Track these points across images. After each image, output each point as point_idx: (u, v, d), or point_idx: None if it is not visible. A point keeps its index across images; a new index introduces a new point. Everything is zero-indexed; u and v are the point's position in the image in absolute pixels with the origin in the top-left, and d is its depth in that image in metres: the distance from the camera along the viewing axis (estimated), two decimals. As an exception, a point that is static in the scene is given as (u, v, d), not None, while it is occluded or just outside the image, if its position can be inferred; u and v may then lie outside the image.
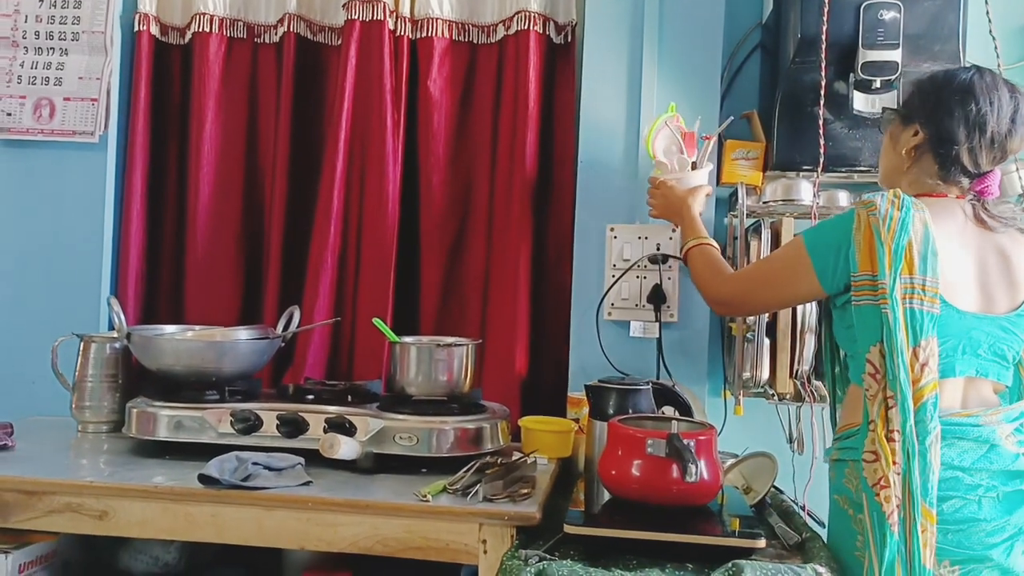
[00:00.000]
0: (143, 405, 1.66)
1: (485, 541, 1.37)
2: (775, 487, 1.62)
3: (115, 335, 1.86)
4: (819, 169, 1.77)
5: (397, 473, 1.55)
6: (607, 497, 1.42)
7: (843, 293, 1.40)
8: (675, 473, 1.28)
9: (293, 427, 1.61)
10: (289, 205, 2.13)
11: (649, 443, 1.30)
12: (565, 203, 2.05)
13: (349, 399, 1.72)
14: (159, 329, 1.87)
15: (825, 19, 1.76)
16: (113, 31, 2.12)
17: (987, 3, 1.86)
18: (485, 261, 2.09)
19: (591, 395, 1.62)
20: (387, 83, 2.07)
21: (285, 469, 1.50)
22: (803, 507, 1.86)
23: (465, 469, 1.49)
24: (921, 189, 1.43)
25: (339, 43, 2.13)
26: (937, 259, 1.31)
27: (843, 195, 1.85)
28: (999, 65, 1.85)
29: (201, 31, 2.15)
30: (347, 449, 1.53)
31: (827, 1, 1.76)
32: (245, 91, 2.19)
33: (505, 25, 2.09)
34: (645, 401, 1.57)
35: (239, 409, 1.63)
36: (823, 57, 1.76)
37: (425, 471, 1.56)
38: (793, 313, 1.80)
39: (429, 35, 2.09)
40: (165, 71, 2.21)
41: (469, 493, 1.42)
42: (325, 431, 1.57)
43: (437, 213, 2.10)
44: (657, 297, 1.89)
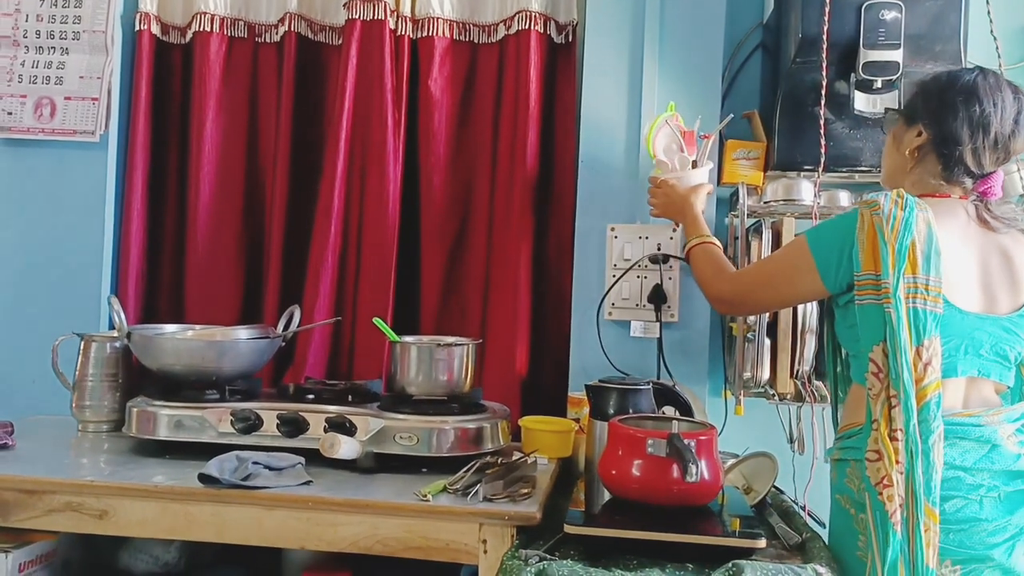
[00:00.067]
0: (143, 404, 1.66)
1: (485, 541, 1.36)
2: (775, 487, 1.62)
3: (115, 334, 1.86)
4: (820, 169, 1.77)
5: (397, 473, 1.55)
6: (607, 497, 1.41)
7: (846, 292, 1.39)
8: (675, 473, 1.28)
9: (293, 427, 1.60)
10: (290, 204, 2.13)
11: (649, 443, 1.30)
12: (566, 203, 2.04)
13: (349, 399, 1.72)
14: (159, 328, 1.87)
15: (826, 19, 1.76)
16: (114, 30, 2.12)
17: (988, 3, 1.87)
18: (486, 261, 2.09)
19: (591, 395, 1.61)
20: (388, 82, 2.07)
21: (285, 469, 1.50)
22: (803, 507, 1.86)
23: (465, 469, 1.48)
24: (924, 189, 1.43)
25: (340, 42, 2.13)
26: (940, 259, 1.31)
27: (844, 195, 1.85)
28: (1000, 65, 1.85)
29: (202, 30, 2.15)
30: (347, 449, 1.53)
31: (828, 1, 1.76)
32: (246, 91, 2.19)
33: (506, 25, 2.08)
34: (645, 401, 1.57)
35: (239, 408, 1.62)
36: (824, 57, 1.76)
37: (425, 471, 1.56)
38: (794, 313, 1.80)
39: (430, 34, 2.09)
40: (166, 70, 2.21)
41: (469, 493, 1.42)
42: (325, 431, 1.57)
43: (438, 213, 2.10)
44: (658, 297, 1.89)
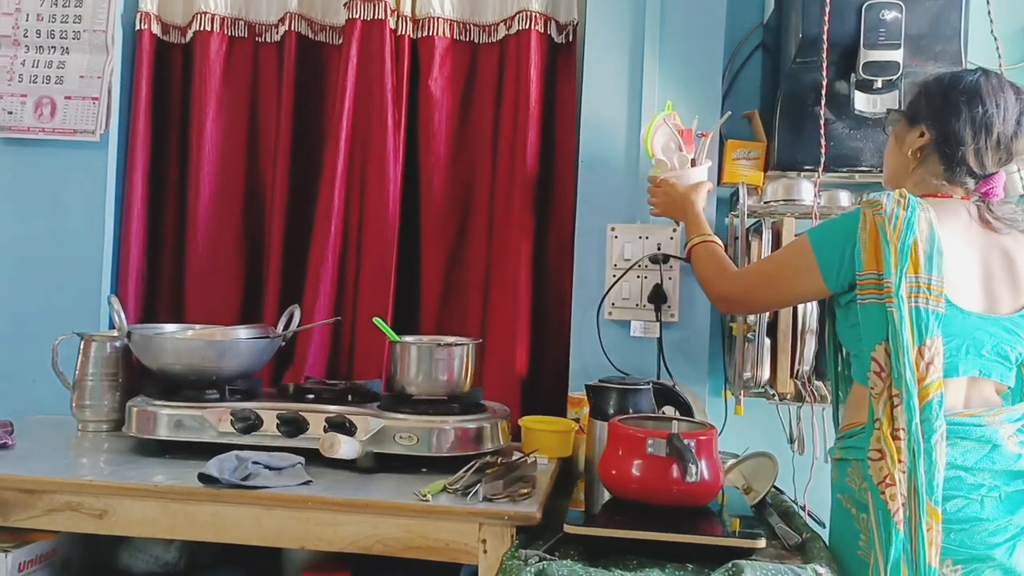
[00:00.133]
0: (143, 404, 1.66)
1: (485, 541, 1.36)
2: (775, 487, 1.62)
3: (115, 334, 1.86)
4: (820, 169, 1.77)
5: (397, 473, 1.55)
6: (607, 497, 1.41)
7: (847, 292, 1.39)
8: (675, 473, 1.28)
9: (293, 426, 1.60)
10: (290, 204, 2.13)
11: (649, 443, 1.30)
12: (566, 203, 2.04)
13: (349, 398, 1.72)
14: (159, 328, 1.87)
15: (826, 19, 1.76)
16: (114, 30, 2.12)
17: (989, 3, 1.87)
18: (486, 260, 2.09)
19: (591, 395, 1.61)
20: (388, 82, 2.06)
21: (285, 468, 1.50)
22: (803, 507, 1.86)
23: (465, 469, 1.48)
24: (926, 190, 1.43)
25: (340, 42, 2.13)
26: (943, 258, 1.31)
27: (844, 195, 1.85)
28: (1000, 66, 1.86)
29: (202, 30, 2.15)
30: (347, 448, 1.53)
31: (828, 1, 1.75)
32: (246, 90, 2.19)
33: (506, 24, 2.08)
34: (645, 401, 1.57)
35: (239, 408, 1.62)
36: (824, 57, 1.76)
37: (425, 471, 1.55)
38: (794, 313, 1.80)
39: (430, 34, 2.09)
40: (166, 70, 2.21)
41: (469, 493, 1.41)
42: (325, 430, 1.57)
43: (438, 212, 2.10)
44: (658, 297, 1.89)
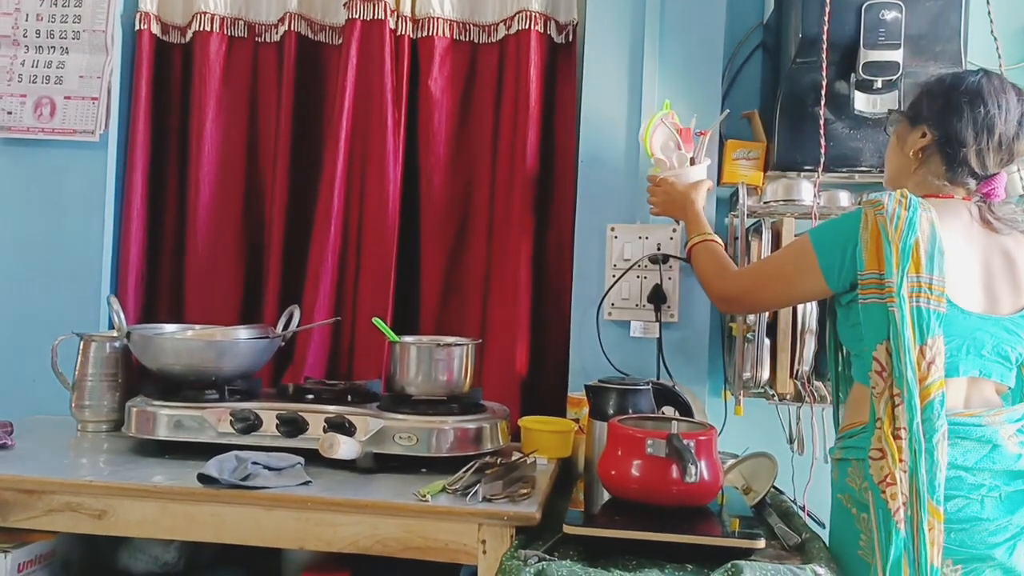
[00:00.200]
0: (143, 404, 1.66)
1: (484, 541, 1.36)
2: (775, 487, 1.62)
3: (115, 334, 1.86)
4: (820, 169, 1.77)
5: (397, 473, 1.54)
6: (607, 497, 1.41)
7: (848, 291, 1.40)
8: (675, 473, 1.28)
9: (293, 427, 1.60)
10: (289, 204, 2.13)
11: (649, 443, 1.30)
12: (566, 203, 2.04)
13: (349, 399, 1.71)
14: (159, 328, 1.87)
15: (826, 19, 1.76)
16: (114, 30, 2.12)
17: (989, 4, 1.87)
18: (485, 261, 2.08)
19: (591, 395, 1.61)
20: (388, 82, 2.06)
21: (285, 469, 1.49)
22: (803, 507, 1.86)
23: (465, 469, 1.48)
24: (928, 190, 1.43)
25: (340, 42, 2.13)
26: (944, 258, 1.31)
27: (844, 195, 1.85)
28: (1000, 66, 1.86)
29: (202, 30, 2.15)
30: (347, 449, 1.53)
31: (828, 1, 1.75)
32: (246, 90, 2.19)
33: (506, 24, 2.08)
34: (645, 401, 1.57)
35: (239, 408, 1.62)
36: (824, 57, 1.76)
37: (425, 471, 1.55)
38: (793, 313, 1.80)
39: (430, 34, 2.09)
40: (166, 70, 2.21)
41: (468, 493, 1.41)
42: (325, 431, 1.57)
43: (437, 212, 2.10)
44: (657, 297, 1.89)
